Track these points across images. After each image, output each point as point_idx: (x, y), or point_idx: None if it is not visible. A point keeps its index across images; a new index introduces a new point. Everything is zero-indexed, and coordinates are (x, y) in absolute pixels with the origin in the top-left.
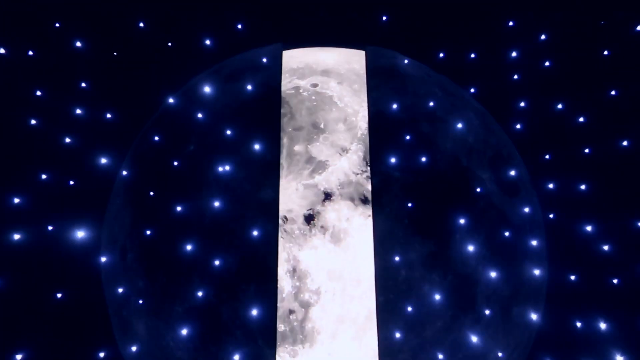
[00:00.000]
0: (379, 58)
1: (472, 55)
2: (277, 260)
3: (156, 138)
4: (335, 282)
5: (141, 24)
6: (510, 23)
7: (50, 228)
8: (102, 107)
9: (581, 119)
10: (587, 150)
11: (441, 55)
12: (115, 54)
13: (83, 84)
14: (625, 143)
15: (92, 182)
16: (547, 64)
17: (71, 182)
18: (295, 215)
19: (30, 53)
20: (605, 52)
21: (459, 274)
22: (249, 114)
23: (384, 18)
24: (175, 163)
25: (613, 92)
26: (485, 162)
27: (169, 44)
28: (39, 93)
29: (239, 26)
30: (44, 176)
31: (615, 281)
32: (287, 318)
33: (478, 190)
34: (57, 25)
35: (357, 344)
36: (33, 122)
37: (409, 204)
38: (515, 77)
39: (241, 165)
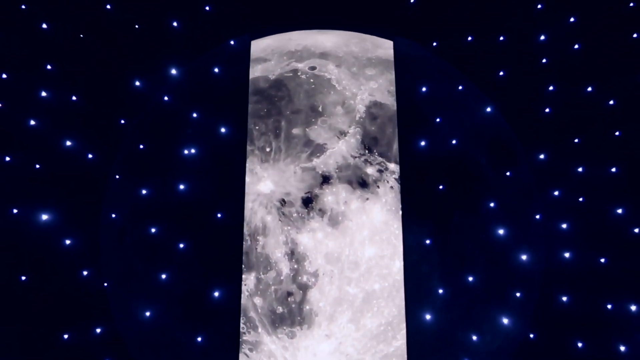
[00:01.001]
0: (406, 47)
1: (501, 38)
2: (242, 242)
3: (122, 122)
4: (333, 264)
5: (108, 6)
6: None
7: (14, 211)
8: (68, 90)
9: (611, 102)
10: (617, 133)
11: (469, 38)
12: (81, 35)
13: (49, 66)
14: None
15: (58, 165)
16: (575, 46)
17: (37, 166)
18: (293, 198)
19: None
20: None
21: (489, 256)
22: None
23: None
24: (141, 146)
25: None
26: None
27: (136, 26)
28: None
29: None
30: (7, 158)
31: None
32: (285, 300)
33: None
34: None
35: (355, 326)
36: None
37: (440, 187)
38: (544, 60)
39: (207, 151)
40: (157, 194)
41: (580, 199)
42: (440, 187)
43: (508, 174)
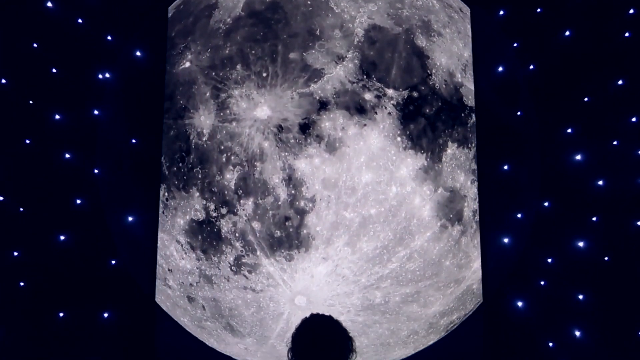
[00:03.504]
0: None
1: None
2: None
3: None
4: (330, 190)
5: None
6: None
7: None
8: None
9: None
10: None
11: None
12: None
13: None
14: None
15: None
16: None
17: None
18: (290, 124)
19: None
20: None
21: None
22: None
23: None
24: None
25: None
26: None
27: None
28: None
29: None
30: None
31: None
32: (283, 225)
33: None
34: None
35: (351, 249)
36: None
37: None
38: None
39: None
40: (69, 119)
41: None
42: (518, 113)
43: (586, 99)
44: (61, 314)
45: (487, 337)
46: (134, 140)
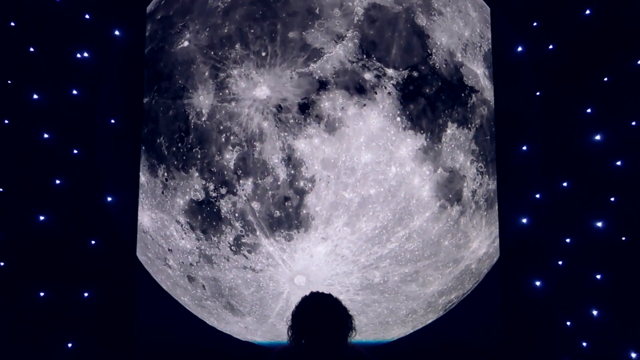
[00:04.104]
0: None
1: None
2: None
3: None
4: (330, 170)
5: None
6: None
7: None
8: None
9: None
10: None
11: None
12: None
13: None
14: None
15: None
16: None
17: None
18: (289, 104)
19: None
20: None
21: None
22: None
23: None
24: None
25: None
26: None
27: None
28: None
29: None
30: None
31: None
32: (283, 205)
33: None
34: None
35: (350, 229)
36: None
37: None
38: None
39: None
40: (48, 99)
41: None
42: (538, 93)
43: (605, 79)
44: (42, 294)
45: (506, 316)
46: (113, 120)
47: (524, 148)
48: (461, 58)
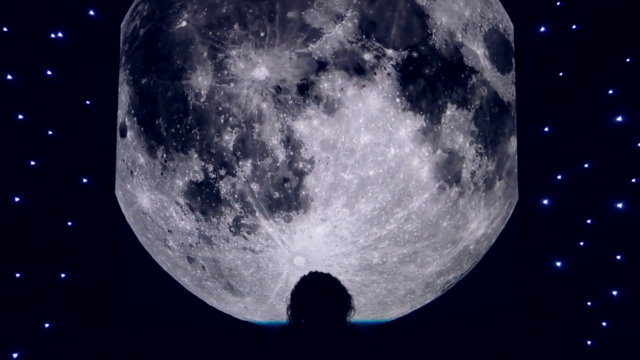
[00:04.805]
0: None
1: None
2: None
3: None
4: (329, 151)
5: None
6: None
7: None
8: None
9: None
10: None
11: None
12: None
13: None
14: None
15: None
16: None
17: None
18: (288, 85)
19: None
20: None
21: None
22: None
23: None
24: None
25: None
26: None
27: None
28: None
29: None
30: None
31: None
32: (282, 186)
33: None
34: None
35: (349, 211)
36: None
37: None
38: None
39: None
40: (22, 79)
41: None
42: (560, 74)
43: (628, 60)
44: (17, 275)
45: (527, 297)
46: (88, 102)
47: (546, 129)
48: (461, 38)
